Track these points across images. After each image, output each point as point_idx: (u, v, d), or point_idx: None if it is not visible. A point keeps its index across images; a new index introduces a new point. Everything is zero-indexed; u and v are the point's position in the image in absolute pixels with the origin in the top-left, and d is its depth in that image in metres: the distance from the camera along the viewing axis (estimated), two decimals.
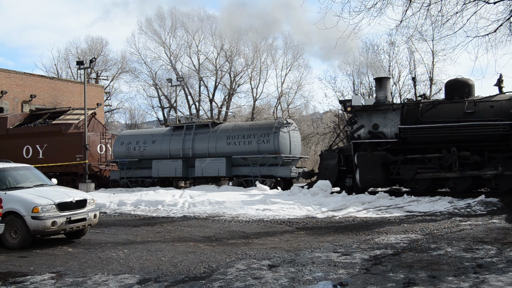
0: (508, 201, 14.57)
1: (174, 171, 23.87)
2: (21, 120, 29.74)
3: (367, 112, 18.49)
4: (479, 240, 9.37)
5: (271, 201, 16.35)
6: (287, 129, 22.29)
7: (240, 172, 22.67)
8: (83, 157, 24.99)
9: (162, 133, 25.35)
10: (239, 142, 22.60)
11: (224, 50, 49.72)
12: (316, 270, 7.60)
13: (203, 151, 23.55)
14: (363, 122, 18.43)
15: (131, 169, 25.48)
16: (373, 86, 38.24)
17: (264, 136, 22.06)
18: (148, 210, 16.97)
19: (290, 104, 51.28)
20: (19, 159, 26.19)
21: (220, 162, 22.64)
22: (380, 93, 18.98)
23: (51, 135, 26.72)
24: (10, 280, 7.74)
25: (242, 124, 24.68)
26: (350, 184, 18.59)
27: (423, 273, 7.11)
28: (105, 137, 27.73)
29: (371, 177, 17.64)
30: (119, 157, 25.83)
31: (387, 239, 9.96)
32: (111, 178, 26.29)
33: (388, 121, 17.98)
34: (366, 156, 17.75)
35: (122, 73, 56.02)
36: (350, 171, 18.67)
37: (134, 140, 25.58)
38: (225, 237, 11.17)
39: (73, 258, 9.36)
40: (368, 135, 18.26)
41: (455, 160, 16.56)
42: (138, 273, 7.93)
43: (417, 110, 17.52)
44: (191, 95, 51.98)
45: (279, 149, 21.67)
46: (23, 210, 10.37)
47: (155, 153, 24.85)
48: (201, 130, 24.17)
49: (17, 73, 36.13)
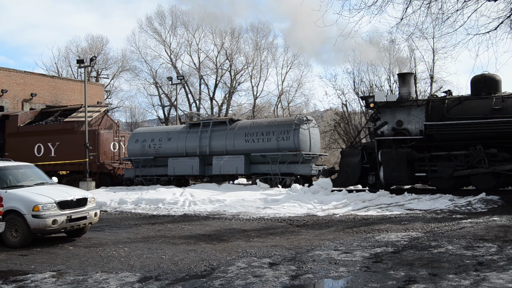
0: (509, 199, 14.57)
1: (190, 169, 23.46)
2: (32, 118, 29.43)
3: (390, 109, 18.09)
4: (479, 238, 9.36)
5: (271, 199, 16.35)
6: (307, 126, 21.84)
7: (258, 170, 22.20)
8: (84, 155, 24.87)
9: (178, 131, 24.93)
10: (258, 139, 22.15)
11: (225, 48, 49.71)
12: (317, 268, 7.60)
13: (220, 149, 23.09)
14: (387, 118, 18.07)
15: (146, 167, 25.06)
16: (373, 84, 38.25)
17: (284, 133, 21.58)
18: (149, 208, 16.98)
19: (290, 102, 51.28)
20: (31, 158, 26.02)
21: (238, 160, 22.23)
22: (403, 89, 18.56)
23: (63, 133, 26.39)
24: (11, 278, 7.75)
25: (260, 121, 24.17)
26: (373, 182, 18.20)
27: (424, 271, 7.11)
28: (118, 135, 27.29)
29: (395, 174, 17.27)
30: (133, 155, 25.39)
31: (388, 237, 9.95)
32: (125, 176, 25.88)
33: (412, 117, 17.63)
34: (391, 153, 17.37)
35: (123, 72, 56.01)
36: (373, 168, 18.29)
37: (149, 137, 25.18)
38: (225, 235, 11.17)
39: (74, 256, 9.36)
40: (391, 132, 17.91)
41: (483, 157, 16.14)
42: (138, 271, 7.93)
43: (442, 107, 17.13)
44: (192, 94, 51.96)
45: (299, 147, 21.20)
46: (23, 208, 10.38)
47: (171, 151, 24.43)
48: (218, 127, 23.72)
49: (17, 71, 36.14)
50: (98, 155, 25.93)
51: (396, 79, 37.94)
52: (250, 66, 50.44)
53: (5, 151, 27.79)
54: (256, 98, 51.24)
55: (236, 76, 50.63)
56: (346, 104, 39.33)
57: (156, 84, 53.02)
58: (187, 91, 51.27)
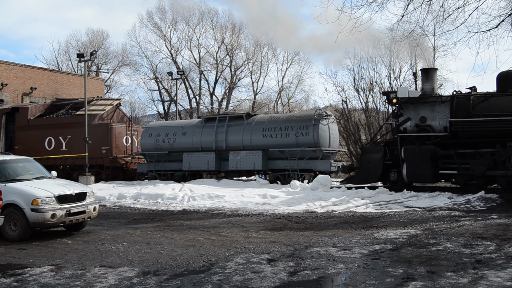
0: (507, 197, 14.59)
1: (206, 164, 23.03)
2: (42, 111, 29.08)
3: (413, 105, 17.81)
4: (478, 236, 9.37)
5: (270, 195, 16.36)
6: (326, 121, 21.47)
7: (276, 166, 21.84)
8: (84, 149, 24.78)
9: (193, 125, 24.55)
10: (276, 134, 21.72)
11: (225, 44, 49.62)
12: (315, 264, 7.61)
13: (237, 144, 22.71)
14: (410, 114, 17.80)
15: (160, 162, 24.66)
16: (374, 81, 38.18)
17: (303, 128, 21.15)
18: (148, 203, 16.99)
19: (290, 98, 51.25)
20: (41, 151, 25.97)
21: (256, 155, 21.81)
22: (426, 84, 18.24)
23: (75, 126, 25.99)
24: (9, 272, 7.75)
25: (278, 116, 23.62)
26: (395, 179, 17.98)
27: (422, 268, 7.12)
28: (131, 129, 26.92)
29: (419, 172, 16.98)
30: (147, 150, 25.00)
31: (386, 234, 9.96)
32: (138, 171, 25.53)
33: (436, 113, 17.35)
34: (414, 150, 17.09)
35: (123, 66, 56.02)
36: (395, 165, 18.02)
37: (163, 132, 24.79)
38: (224, 231, 11.17)
39: (73, 250, 9.37)
40: (414, 128, 17.64)
41: (511, 155, 15.75)
42: (137, 266, 7.94)
43: (468, 103, 16.84)
44: (192, 89, 51.93)
45: (319, 142, 20.81)
46: (22, 202, 10.38)
47: (185, 145, 24.03)
48: (234, 121, 23.31)
49: (17, 65, 36.09)
50: (111, 149, 25.50)
51: (397, 76, 37.95)
52: (250, 62, 50.42)
53: (15, 144, 27.53)
54: (256, 94, 51.26)
55: (236, 72, 50.63)
56: (346, 101, 39.31)
57: (156, 79, 53.03)
58: (187, 86, 51.26)
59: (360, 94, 38.79)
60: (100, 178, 25.34)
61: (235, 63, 50.48)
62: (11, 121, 28.47)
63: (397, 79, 38.11)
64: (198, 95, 51.73)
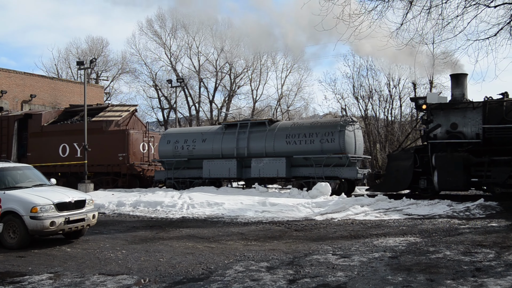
0: (507, 205, 14.57)
1: (227, 171, 22.38)
2: (56, 117, 28.62)
3: (443, 111, 17.49)
4: (477, 244, 9.36)
5: (270, 203, 16.35)
6: (352, 128, 20.91)
7: (300, 173, 21.24)
8: (83, 157, 24.72)
9: (213, 131, 23.89)
10: (300, 141, 21.08)
11: (225, 52, 49.74)
12: (315, 272, 7.59)
13: (259, 151, 22.05)
14: (440, 121, 17.50)
15: (178, 169, 24.02)
16: (373, 89, 38.28)
17: (328, 134, 20.53)
18: (147, 211, 16.96)
19: (290, 106, 51.31)
20: (55, 158, 25.67)
21: (279, 162, 21.19)
22: (456, 90, 17.92)
23: (90, 132, 25.43)
24: (8, 280, 7.73)
25: (302, 122, 23.01)
26: (425, 186, 17.65)
27: (422, 276, 7.11)
28: (148, 135, 26.43)
29: (451, 179, 16.58)
30: (165, 157, 24.30)
31: (386, 242, 9.95)
32: (155, 178, 24.94)
33: (468, 120, 17.08)
34: (446, 157, 16.73)
35: (122, 74, 56.06)
36: (424, 172, 17.66)
37: (182, 138, 24.18)
38: (223, 239, 11.15)
39: (71, 258, 9.35)
40: (445, 135, 17.36)
41: None
42: (136, 274, 7.92)
43: (501, 109, 16.56)
44: (191, 96, 51.98)
45: (345, 149, 20.19)
46: (21, 210, 10.36)
47: (205, 152, 23.34)
48: (256, 128, 22.67)
49: (17, 72, 36.17)
50: (128, 156, 24.97)
51: (397, 83, 38.03)
52: (250, 70, 50.52)
53: (28, 151, 27.16)
54: (255, 101, 51.30)
55: (235, 80, 50.70)
56: (346, 109, 39.39)
57: (155, 87, 53.08)
58: (186, 94, 51.32)
59: (360, 101, 38.90)
60: (116, 186, 24.84)
61: (235, 71, 50.62)
62: (23, 128, 27.97)
63: (396, 87, 38.22)
64: (198, 103, 51.80)
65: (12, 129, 27.79)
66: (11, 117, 28.36)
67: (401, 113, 37.14)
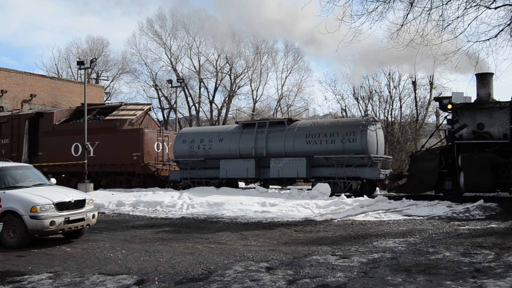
0: (506, 206, 14.58)
1: (245, 171, 21.98)
2: (67, 116, 28.18)
3: (469, 111, 17.18)
4: (477, 245, 9.37)
5: (270, 203, 16.35)
6: (374, 127, 20.47)
7: (320, 174, 20.74)
8: (82, 157, 24.63)
9: (230, 131, 23.50)
10: (321, 141, 20.64)
11: (225, 52, 49.76)
12: (314, 272, 7.60)
13: (278, 151, 21.59)
14: (466, 121, 17.20)
15: (194, 169, 23.57)
16: (373, 90, 38.29)
17: (350, 134, 20.08)
18: (147, 211, 16.96)
19: (290, 106, 51.31)
20: (67, 157, 25.35)
21: (299, 163, 20.73)
22: (482, 90, 17.56)
23: (104, 131, 25.16)
24: (7, 279, 7.74)
25: (322, 122, 22.52)
26: (450, 188, 17.40)
27: (421, 277, 7.11)
28: (162, 134, 26.06)
29: (477, 181, 16.28)
30: (181, 156, 23.84)
31: (386, 243, 9.95)
32: (170, 179, 24.50)
33: (495, 120, 16.83)
34: (473, 158, 16.42)
35: (123, 74, 56.05)
36: (449, 174, 17.36)
37: (198, 138, 23.75)
38: (223, 239, 11.16)
39: (71, 258, 9.35)
40: (471, 135, 17.05)
41: None
42: (135, 273, 7.92)
43: None
44: (191, 97, 51.99)
45: (367, 149, 19.73)
46: (21, 209, 10.37)
47: (222, 152, 22.89)
48: (275, 127, 22.21)
49: (17, 72, 36.19)
50: (142, 156, 24.58)
51: (397, 84, 38.05)
52: (250, 70, 50.53)
53: (39, 150, 26.82)
54: (255, 102, 51.30)
55: (236, 80, 50.71)
56: (346, 109, 39.40)
57: (155, 87, 53.10)
58: (186, 94, 51.33)
59: (360, 102, 38.90)
60: (130, 186, 24.56)
61: (235, 71, 50.63)
62: (34, 127, 27.50)
63: (396, 88, 38.24)
64: (198, 103, 51.81)
65: (23, 128, 27.30)
66: (22, 115, 27.88)
67: (401, 114, 37.15)
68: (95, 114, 28.45)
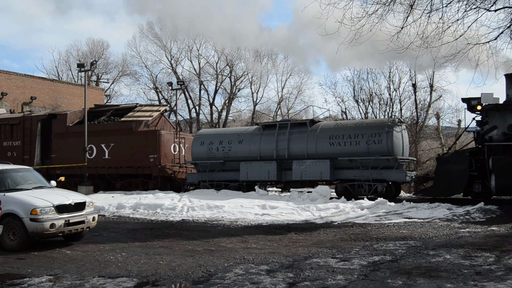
0: (507, 209, 14.58)
1: (266, 174, 21.46)
2: (81, 118, 27.55)
3: (499, 112, 16.78)
4: (477, 248, 9.36)
5: (270, 205, 16.35)
6: (399, 129, 20.02)
7: (344, 176, 20.23)
8: (83, 159, 24.61)
9: (249, 132, 22.94)
10: (345, 142, 20.14)
11: (225, 55, 49.80)
12: (314, 275, 7.59)
13: (300, 152, 21.06)
14: (496, 122, 16.86)
15: (213, 172, 23.05)
16: (373, 92, 38.35)
17: (375, 136, 19.60)
18: (147, 213, 16.95)
19: (290, 109, 51.34)
20: (81, 159, 24.87)
21: (323, 165, 20.21)
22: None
23: (119, 133, 24.77)
24: (7, 282, 7.73)
25: (345, 123, 21.92)
26: (479, 190, 17.00)
27: (422, 280, 7.10)
28: (179, 136, 25.64)
29: (509, 184, 15.86)
30: (199, 159, 23.31)
31: (386, 245, 9.94)
32: (187, 181, 23.92)
33: None
34: (505, 161, 16.03)
35: (123, 76, 56.11)
36: (479, 176, 16.98)
37: (217, 139, 23.25)
38: (223, 242, 11.15)
39: (71, 260, 9.34)
40: (502, 137, 16.68)
41: None
42: (136, 276, 7.91)
43: None
44: (191, 99, 52.01)
45: (393, 150, 19.27)
46: (21, 212, 10.36)
47: (242, 154, 22.34)
48: (297, 129, 21.66)
49: (17, 74, 36.23)
50: (159, 158, 24.20)
51: (397, 86, 38.08)
52: (250, 73, 50.57)
53: (52, 153, 26.53)
54: (256, 104, 51.32)
55: (236, 82, 50.74)
56: (346, 112, 39.48)
57: (156, 89, 53.13)
58: (187, 96, 51.35)
59: (360, 105, 38.97)
60: (146, 188, 24.22)
61: (235, 74, 50.66)
62: (47, 128, 27.18)
63: (396, 90, 38.28)
64: (198, 105, 51.83)
65: (35, 130, 27.00)
66: (34, 117, 27.56)
67: (401, 116, 37.20)
68: (109, 115, 28.04)
